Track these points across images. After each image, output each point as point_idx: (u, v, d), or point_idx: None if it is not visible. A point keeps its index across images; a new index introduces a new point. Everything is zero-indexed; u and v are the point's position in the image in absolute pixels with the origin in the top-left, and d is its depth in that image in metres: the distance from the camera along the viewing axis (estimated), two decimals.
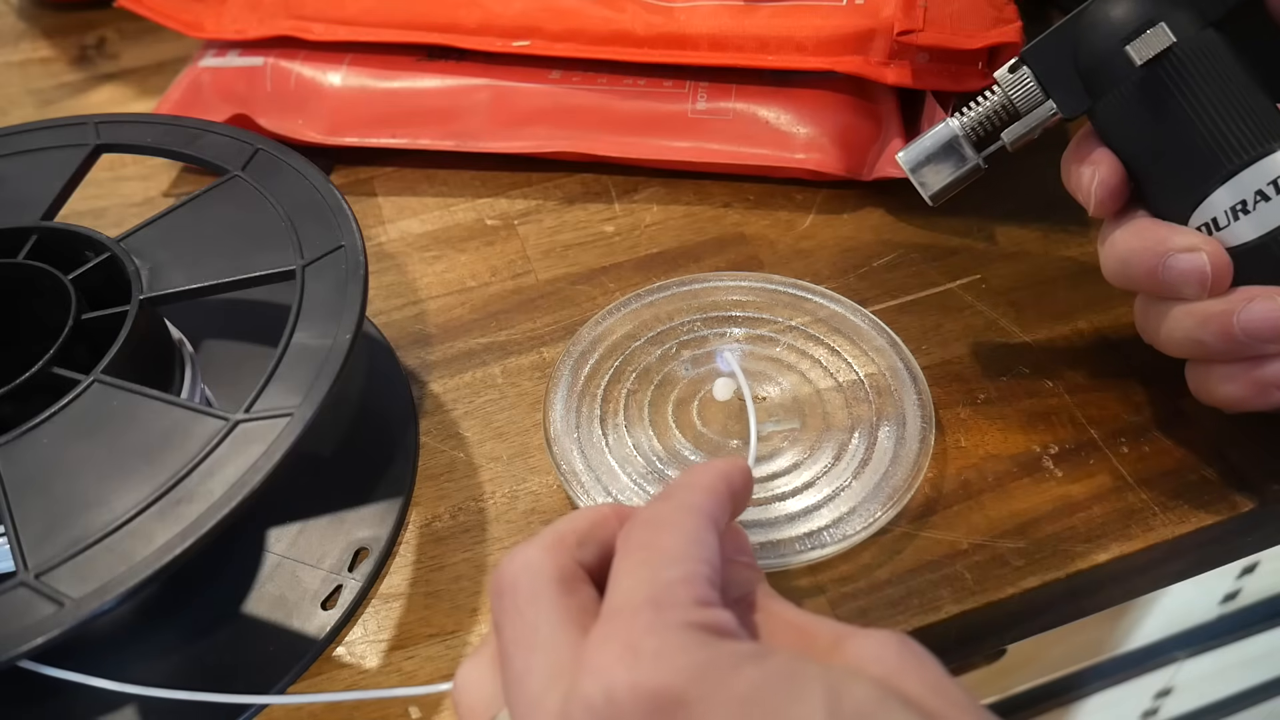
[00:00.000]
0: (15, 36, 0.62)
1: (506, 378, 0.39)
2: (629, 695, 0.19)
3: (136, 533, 0.26)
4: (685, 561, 0.22)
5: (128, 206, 0.48)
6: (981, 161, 0.35)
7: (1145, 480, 0.34)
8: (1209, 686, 0.71)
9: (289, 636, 0.32)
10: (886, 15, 0.43)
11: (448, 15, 0.47)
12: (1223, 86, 0.30)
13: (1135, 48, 0.30)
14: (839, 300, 0.39)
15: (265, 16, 0.50)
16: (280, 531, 0.35)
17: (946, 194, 0.35)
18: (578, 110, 0.47)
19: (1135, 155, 0.32)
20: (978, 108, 0.34)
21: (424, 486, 0.36)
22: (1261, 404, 0.31)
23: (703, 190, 0.47)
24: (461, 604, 0.33)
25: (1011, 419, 0.36)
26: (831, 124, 0.45)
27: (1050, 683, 0.60)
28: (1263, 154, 0.30)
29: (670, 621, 0.20)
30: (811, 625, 0.22)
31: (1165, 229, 0.31)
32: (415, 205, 0.47)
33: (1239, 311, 0.29)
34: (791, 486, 0.34)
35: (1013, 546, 0.33)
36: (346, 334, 0.30)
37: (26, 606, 0.24)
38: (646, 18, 0.46)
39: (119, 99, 0.56)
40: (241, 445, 0.27)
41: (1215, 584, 0.60)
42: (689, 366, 0.38)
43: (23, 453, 0.28)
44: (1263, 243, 0.30)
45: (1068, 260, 0.42)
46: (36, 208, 0.35)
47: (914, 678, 0.20)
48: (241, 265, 0.33)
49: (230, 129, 0.38)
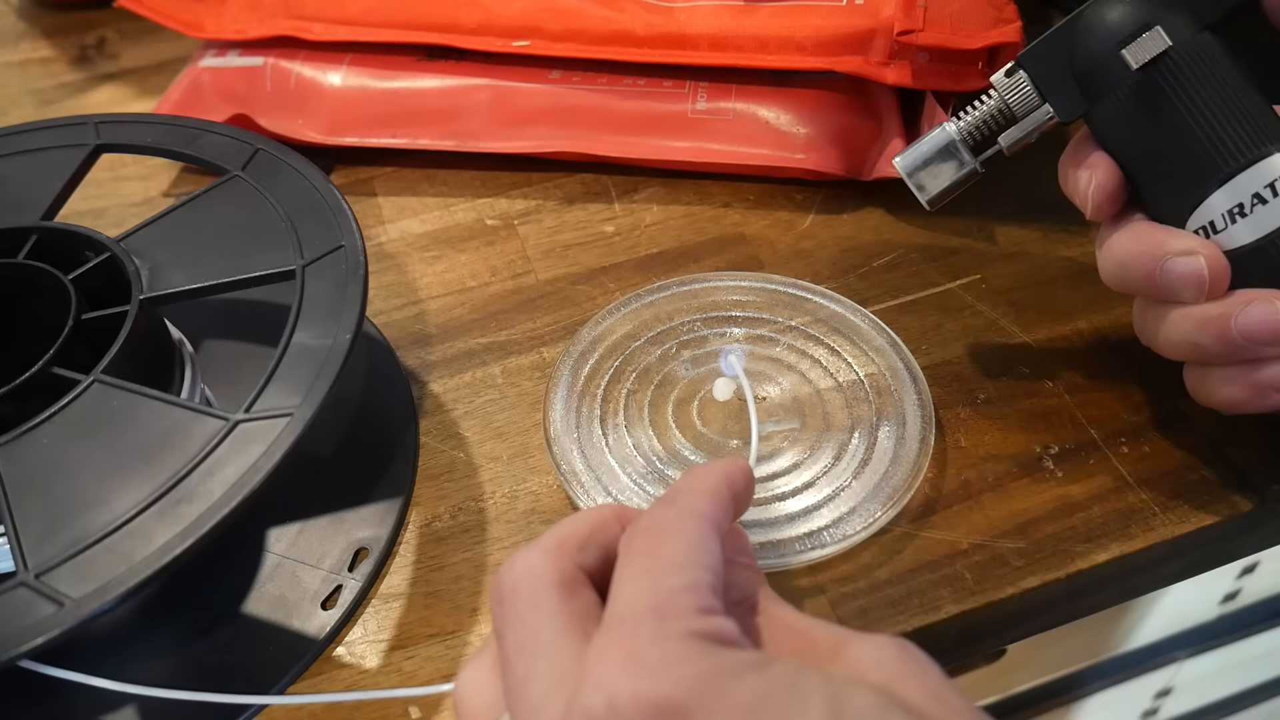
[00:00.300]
0: (15, 36, 0.62)
1: (506, 378, 0.39)
2: (631, 705, 0.19)
3: (136, 533, 0.26)
4: (688, 569, 0.21)
5: (128, 206, 0.48)
6: (978, 166, 0.34)
7: (1145, 480, 0.34)
8: (1209, 686, 0.71)
9: (289, 636, 0.32)
10: (886, 15, 0.43)
11: (448, 15, 0.47)
12: (1219, 90, 0.30)
13: (1131, 51, 0.30)
14: (839, 300, 0.39)
15: (265, 16, 0.50)
16: (280, 531, 0.35)
17: (944, 199, 0.35)
18: (578, 110, 0.47)
19: (1132, 159, 0.32)
20: (974, 112, 0.34)
21: (424, 486, 0.36)
22: (1259, 406, 0.31)
23: (703, 190, 0.47)
24: (461, 604, 0.33)
25: (1011, 419, 0.36)
26: (831, 124, 0.45)
27: (1050, 683, 0.60)
28: (1259, 157, 0.30)
29: (672, 631, 0.20)
30: (812, 630, 0.22)
31: (1163, 233, 0.31)
32: (415, 205, 0.47)
33: (1236, 315, 0.29)
34: (791, 486, 0.34)
35: (1013, 546, 0.33)
36: (346, 334, 0.30)
37: (26, 606, 0.24)
38: (646, 18, 0.46)
39: (119, 99, 0.56)
40: (241, 445, 0.27)
41: (1215, 584, 0.60)
42: (689, 366, 0.38)
43: (23, 453, 0.28)
44: (1260, 245, 0.30)
45: (1068, 260, 0.42)
46: (36, 208, 0.35)
47: (914, 684, 0.20)
48: (241, 265, 0.33)
49: (230, 129, 0.38)
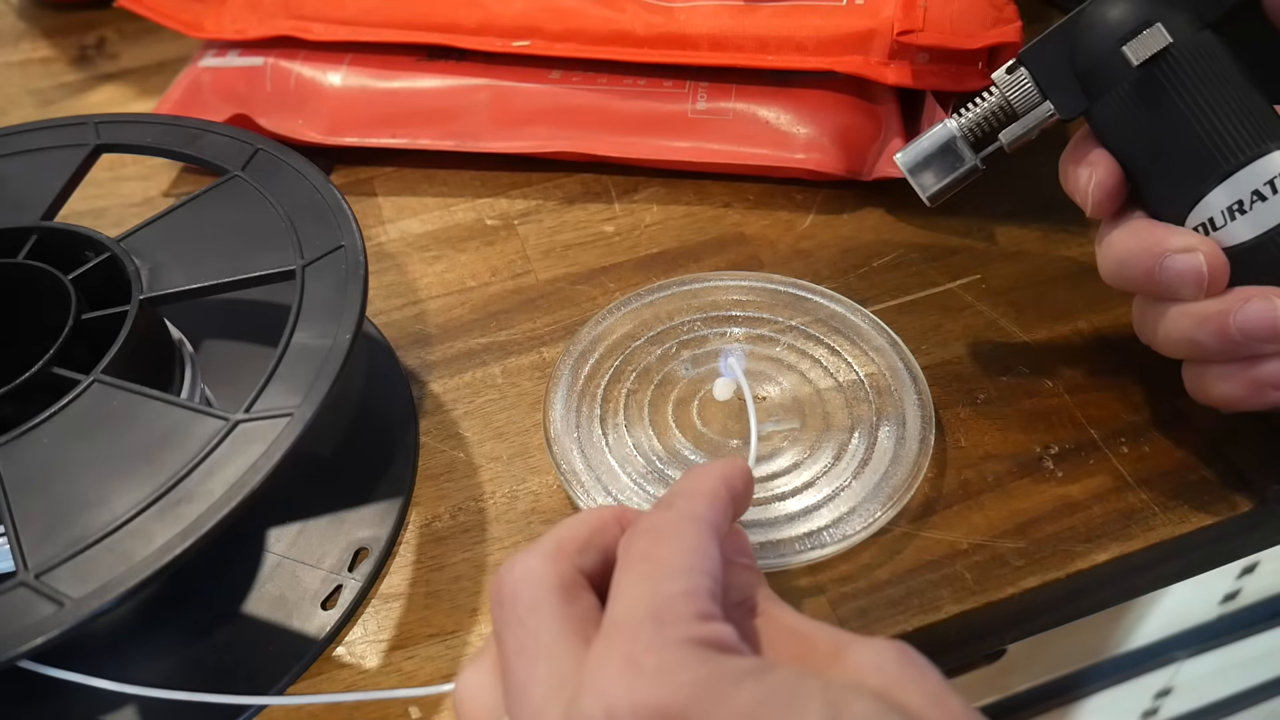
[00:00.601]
0: (15, 36, 0.62)
1: (506, 378, 0.39)
2: (630, 713, 0.19)
3: (136, 533, 0.26)
4: (686, 574, 0.21)
5: (128, 206, 0.48)
6: (979, 162, 0.35)
7: (1145, 480, 0.34)
8: (1209, 686, 0.71)
9: (289, 636, 0.32)
10: (886, 15, 0.43)
11: (448, 15, 0.47)
12: (1219, 87, 0.30)
13: (1132, 48, 0.30)
14: (839, 300, 0.39)
15: (265, 16, 0.50)
16: (280, 531, 0.35)
17: (944, 195, 0.35)
18: (578, 110, 0.47)
19: (1132, 156, 0.32)
20: (975, 109, 0.34)
21: (424, 486, 0.36)
22: (1258, 403, 0.31)
23: (703, 190, 0.47)
24: (461, 604, 0.33)
25: (1011, 419, 0.36)
26: (831, 124, 0.45)
27: (1050, 683, 0.60)
28: (1259, 154, 0.30)
29: (671, 638, 0.20)
30: (811, 633, 0.22)
31: (1162, 230, 0.31)
32: (415, 205, 0.47)
33: (1235, 312, 0.29)
34: (791, 486, 0.34)
35: (1013, 546, 0.33)
36: (346, 334, 0.30)
37: (26, 606, 0.24)
38: (646, 18, 0.46)
39: (119, 99, 0.56)
40: (241, 445, 0.27)
41: (1215, 584, 0.60)
42: (689, 366, 0.38)
43: (23, 453, 0.28)
44: (1259, 243, 0.30)
45: (1068, 260, 0.42)
46: (36, 208, 0.35)
47: (914, 689, 0.20)
48: (241, 265, 0.33)
49: (230, 129, 0.38)
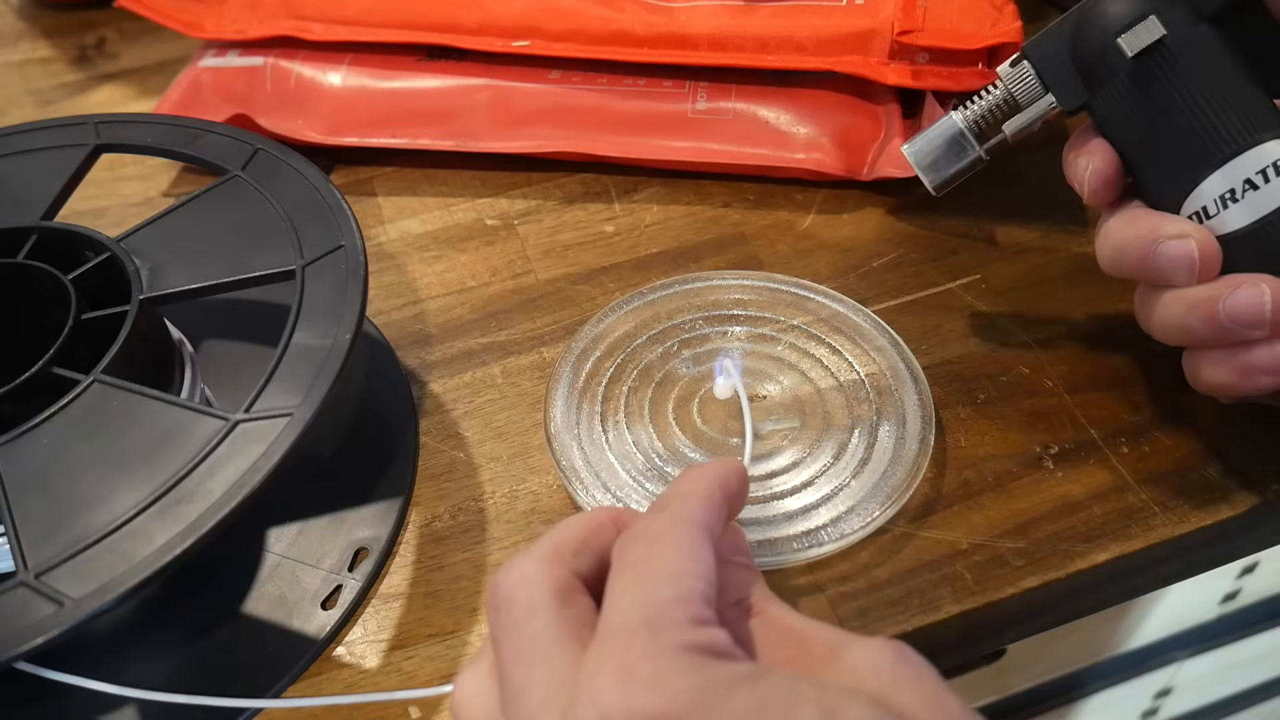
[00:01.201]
0: (15, 36, 0.62)
1: (506, 378, 0.39)
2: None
3: (136, 533, 0.26)
4: (680, 579, 0.21)
5: (128, 206, 0.48)
6: (984, 153, 0.36)
7: (1145, 480, 0.34)
8: (1209, 686, 0.71)
9: (289, 636, 0.32)
10: (886, 15, 0.43)
11: (448, 15, 0.47)
12: (1214, 79, 0.31)
13: (1126, 40, 0.31)
14: (841, 300, 0.39)
15: (265, 16, 0.50)
16: (280, 531, 0.35)
17: (949, 185, 0.37)
18: (578, 110, 0.47)
19: (1129, 146, 0.33)
20: (980, 101, 0.36)
21: (424, 486, 0.36)
22: (1249, 389, 0.31)
23: (703, 190, 0.47)
24: (461, 604, 0.33)
25: (1011, 419, 0.36)
26: (831, 124, 0.45)
27: (1050, 683, 0.60)
28: (1252, 144, 0.30)
29: (665, 644, 0.20)
30: (808, 633, 0.22)
31: (1157, 217, 0.32)
32: (415, 205, 0.47)
33: (1225, 298, 0.30)
34: (790, 485, 0.34)
35: (1013, 546, 0.33)
36: (346, 334, 0.30)
37: (26, 606, 0.24)
38: (646, 18, 0.46)
39: (119, 99, 0.56)
40: (241, 445, 0.27)
41: (1215, 584, 0.60)
42: (690, 365, 0.38)
43: (23, 453, 0.28)
44: (1251, 230, 0.30)
45: (1068, 260, 0.42)
46: (36, 208, 0.35)
47: (911, 690, 0.20)
48: (241, 265, 0.33)
49: (230, 129, 0.38)
